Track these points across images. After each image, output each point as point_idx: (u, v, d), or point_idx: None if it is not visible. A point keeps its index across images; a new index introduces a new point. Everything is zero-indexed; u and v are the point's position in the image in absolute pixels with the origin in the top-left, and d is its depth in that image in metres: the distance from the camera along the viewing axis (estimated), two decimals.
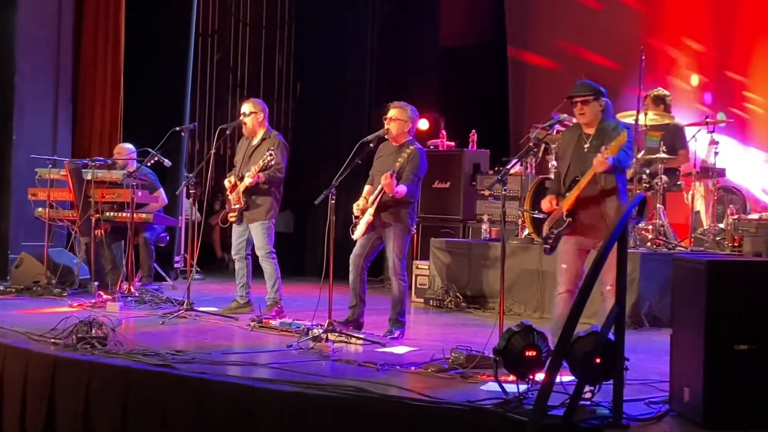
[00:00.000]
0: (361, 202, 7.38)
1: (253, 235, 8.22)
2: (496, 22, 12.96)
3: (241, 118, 8.34)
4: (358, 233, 7.35)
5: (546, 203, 6.27)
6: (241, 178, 8.15)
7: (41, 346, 6.28)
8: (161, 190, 9.95)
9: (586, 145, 6.14)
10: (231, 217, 8.29)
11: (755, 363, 4.50)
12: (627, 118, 9.22)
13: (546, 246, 6.32)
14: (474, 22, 13.33)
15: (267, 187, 8.14)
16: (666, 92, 9.61)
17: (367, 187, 7.46)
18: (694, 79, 10.83)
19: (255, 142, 8.34)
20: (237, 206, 8.19)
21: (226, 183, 8.30)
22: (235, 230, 8.39)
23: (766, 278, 4.61)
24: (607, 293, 5.85)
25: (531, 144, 7.36)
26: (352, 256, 7.40)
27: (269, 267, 8.19)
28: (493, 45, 12.89)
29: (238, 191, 8.16)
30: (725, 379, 4.49)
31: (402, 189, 7.17)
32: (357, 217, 7.36)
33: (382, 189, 7.18)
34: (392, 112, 7.39)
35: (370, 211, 7.25)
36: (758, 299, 4.54)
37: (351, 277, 7.40)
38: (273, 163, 8.02)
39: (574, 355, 4.91)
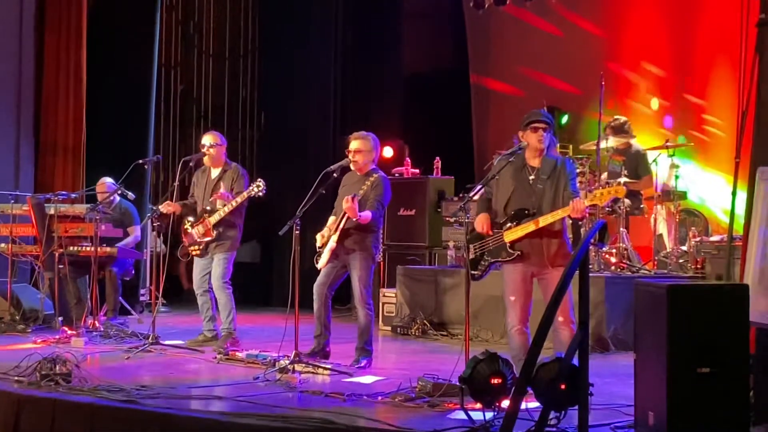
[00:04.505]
0: (325, 231, 7.36)
1: (215, 264, 8.18)
2: (458, 49, 13.05)
3: (206, 149, 8.30)
4: (322, 262, 7.33)
5: (484, 224, 6.06)
6: (209, 212, 8.12)
7: (5, 384, 6.20)
8: (137, 226, 9.93)
9: (531, 177, 5.99)
10: (194, 250, 8.25)
11: (718, 386, 4.54)
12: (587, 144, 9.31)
13: (476, 272, 6.19)
14: (436, 49, 13.41)
15: (234, 220, 8.13)
16: (623, 119, 9.69)
17: (331, 218, 7.44)
18: (654, 103, 10.94)
19: (215, 175, 8.33)
20: (206, 239, 8.14)
21: (190, 218, 8.26)
22: (198, 264, 8.35)
23: (725, 301, 4.66)
24: (559, 325, 5.74)
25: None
26: (315, 285, 7.38)
27: (224, 297, 8.17)
28: (455, 72, 12.96)
29: (206, 224, 8.12)
30: (689, 403, 4.53)
31: (366, 214, 7.15)
32: (321, 247, 7.36)
33: (344, 215, 7.18)
34: (355, 144, 7.37)
35: (334, 238, 7.24)
36: (719, 322, 4.59)
37: (315, 306, 7.37)
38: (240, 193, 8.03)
39: (539, 381, 4.92)
